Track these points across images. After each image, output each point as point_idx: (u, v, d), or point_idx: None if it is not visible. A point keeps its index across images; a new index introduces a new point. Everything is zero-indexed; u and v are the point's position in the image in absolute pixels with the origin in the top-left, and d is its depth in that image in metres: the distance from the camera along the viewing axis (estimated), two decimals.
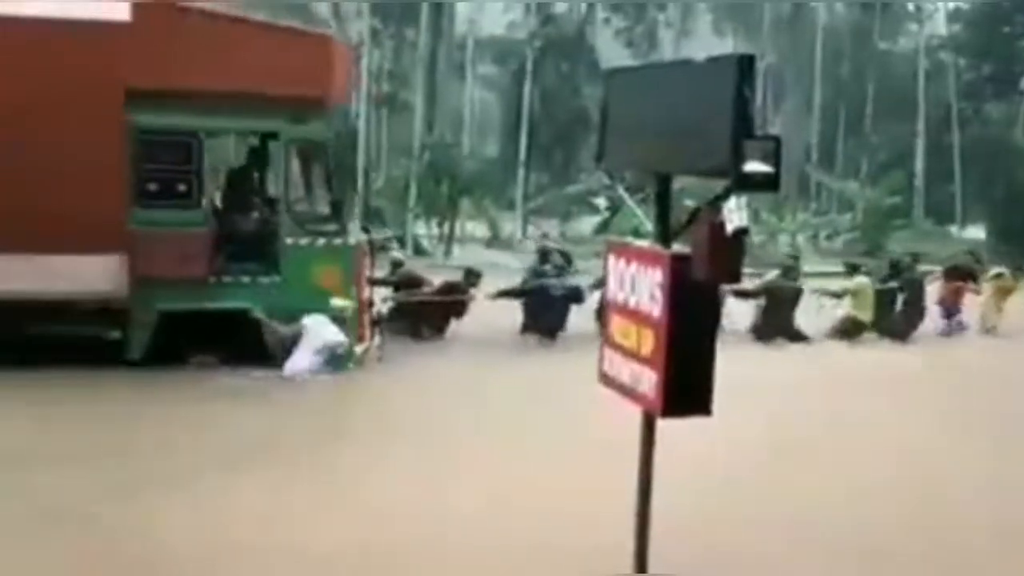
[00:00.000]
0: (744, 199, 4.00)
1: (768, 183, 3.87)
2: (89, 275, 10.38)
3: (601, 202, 31.28)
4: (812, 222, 32.61)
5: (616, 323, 4.64)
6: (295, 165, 12.05)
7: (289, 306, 10.99)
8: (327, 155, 11.57)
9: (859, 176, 37.55)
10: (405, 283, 14.22)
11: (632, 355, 4.46)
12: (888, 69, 40.49)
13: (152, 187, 10.77)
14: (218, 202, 12.05)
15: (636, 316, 4.43)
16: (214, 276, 10.98)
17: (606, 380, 4.73)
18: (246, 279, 11.16)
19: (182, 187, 10.86)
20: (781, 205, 33.29)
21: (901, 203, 34.64)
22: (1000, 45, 39.02)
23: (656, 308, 4.26)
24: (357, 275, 11.71)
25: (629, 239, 5.23)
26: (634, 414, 4.57)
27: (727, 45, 39.80)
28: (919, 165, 38.12)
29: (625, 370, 4.52)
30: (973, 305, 16.67)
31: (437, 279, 14.71)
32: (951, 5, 42.01)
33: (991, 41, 39.05)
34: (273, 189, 12.13)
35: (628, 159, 4.93)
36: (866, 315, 15.29)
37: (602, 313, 15.15)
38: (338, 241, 11.38)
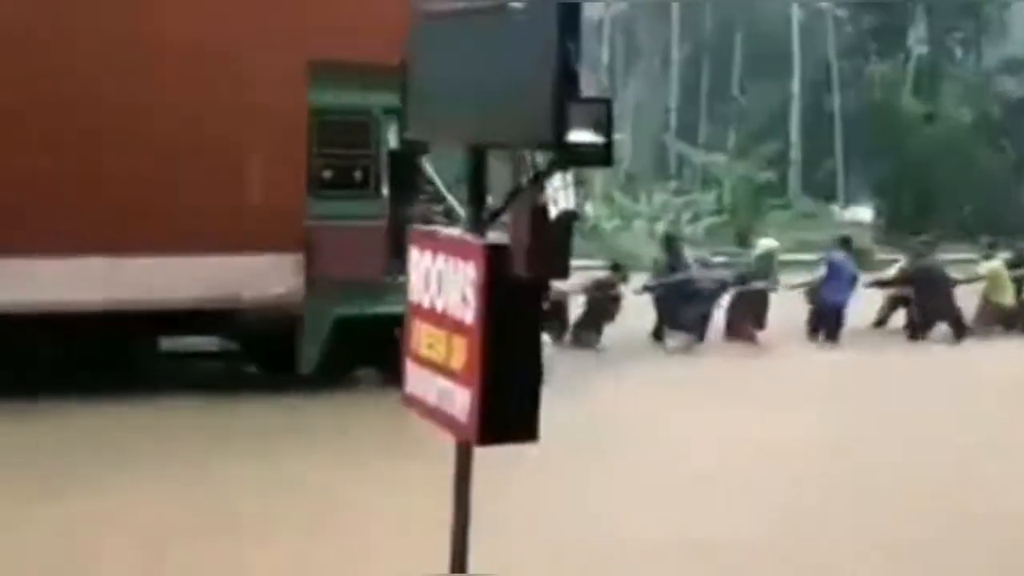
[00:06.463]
0: (571, 176, 3.98)
1: (599, 156, 3.84)
2: (256, 278, 11.08)
3: None
4: (673, 203, 32.89)
5: (421, 331, 4.56)
6: None
7: None
8: None
9: (726, 148, 38.38)
10: None
11: (441, 370, 4.41)
12: (758, 20, 41.66)
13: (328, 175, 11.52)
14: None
15: (445, 322, 4.38)
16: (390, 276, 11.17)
17: (410, 402, 4.66)
18: None
19: (358, 175, 11.63)
20: (635, 184, 33.71)
21: (775, 179, 35.54)
22: None
23: (468, 312, 4.21)
24: None
25: None
26: None
27: None
28: (795, 134, 39.35)
29: (433, 389, 4.46)
30: None
31: None
32: None
33: None
34: None
35: (436, 129, 4.86)
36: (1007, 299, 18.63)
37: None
38: None
